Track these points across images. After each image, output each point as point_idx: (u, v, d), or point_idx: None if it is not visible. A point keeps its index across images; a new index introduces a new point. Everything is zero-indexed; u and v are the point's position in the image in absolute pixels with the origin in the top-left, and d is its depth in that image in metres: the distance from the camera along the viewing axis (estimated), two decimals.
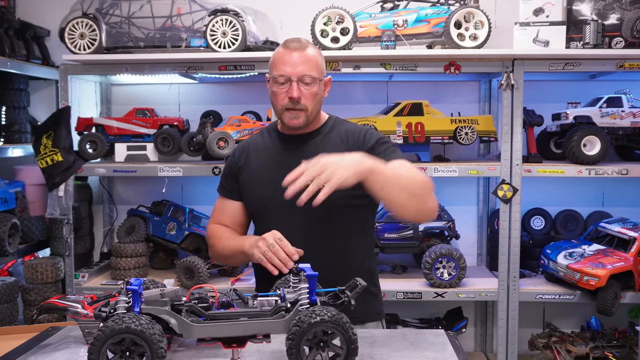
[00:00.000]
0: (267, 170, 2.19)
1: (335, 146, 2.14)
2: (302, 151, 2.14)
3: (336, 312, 1.42)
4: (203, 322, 1.46)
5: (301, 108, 2.11)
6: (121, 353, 1.36)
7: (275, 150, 2.24)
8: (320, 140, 2.20)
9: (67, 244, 3.35)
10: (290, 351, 1.40)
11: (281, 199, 1.89)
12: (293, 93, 2.08)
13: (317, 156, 1.87)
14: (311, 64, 2.11)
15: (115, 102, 3.92)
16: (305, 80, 2.09)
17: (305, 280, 1.51)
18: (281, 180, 1.91)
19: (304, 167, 1.82)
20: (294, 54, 2.10)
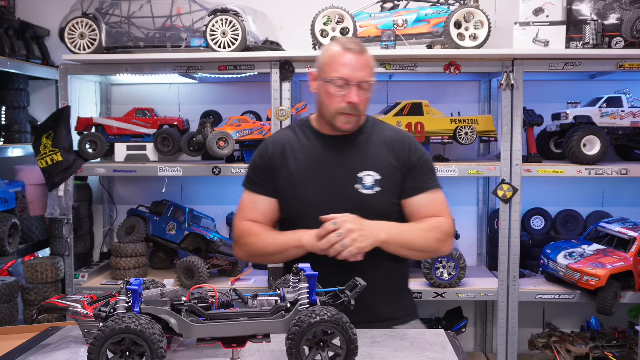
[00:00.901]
0: (311, 173, 2.15)
1: (380, 151, 2.15)
2: (347, 154, 2.14)
3: (336, 312, 1.42)
4: (203, 322, 1.46)
5: (356, 113, 2.09)
6: (121, 353, 1.36)
7: (317, 152, 2.18)
8: (363, 143, 2.17)
9: (67, 244, 3.35)
10: (290, 351, 1.40)
11: (325, 204, 2.02)
12: (353, 98, 2.05)
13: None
14: (370, 69, 2.09)
15: (115, 102, 3.92)
16: (364, 86, 2.07)
17: (305, 280, 1.51)
18: (327, 185, 2.07)
19: (332, 227, 1.94)
20: (355, 57, 2.06)
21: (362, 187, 2.11)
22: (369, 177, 2.11)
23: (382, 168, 2.13)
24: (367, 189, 2.11)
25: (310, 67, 3.19)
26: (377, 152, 2.15)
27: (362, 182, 2.11)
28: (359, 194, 2.11)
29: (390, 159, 2.14)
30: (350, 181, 2.12)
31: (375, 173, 2.12)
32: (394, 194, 2.14)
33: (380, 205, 2.10)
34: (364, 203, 2.09)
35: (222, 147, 3.13)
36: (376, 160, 2.14)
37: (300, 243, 2.05)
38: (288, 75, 3.20)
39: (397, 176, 2.14)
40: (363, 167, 2.13)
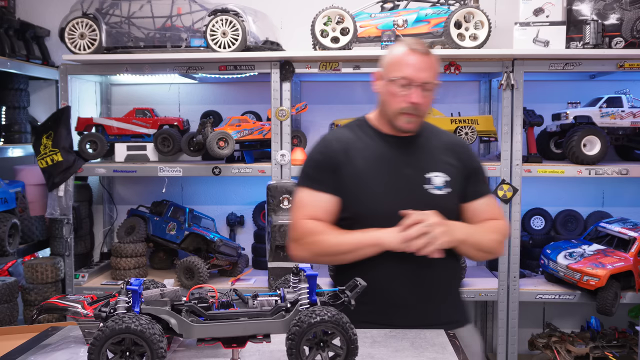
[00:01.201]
0: (379, 172, 2.11)
1: (444, 154, 2.17)
2: (413, 155, 2.14)
3: (336, 312, 1.42)
4: (203, 322, 1.46)
5: (418, 114, 2.08)
6: (121, 353, 1.36)
7: (381, 151, 2.15)
8: (426, 145, 2.18)
9: (67, 244, 3.35)
10: (290, 351, 1.40)
11: (394, 203, 2.01)
12: (415, 98, 2.04)
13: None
14: (434, 70, 2.08)
15: (115, 102, 3.92)
16: (427, 87, 2.06)
17: (305, 280, 1.51)
18: (394, 184, 2.07)
19: (420, 218, 1.95)
20: (420, 58, 2.05)
21: (432, 187, 2.10)
22: (438, 178, 2.11)
23: (448, 170, 2.14)
24: (437, 189, 2.11)
25: (310, 67, 3.20)
26: (441, 154, 2.17)
27: (431, 182, 2.10)
28: (429, 194, 2.10)
29: (455, 162, 2.16)
30: (419, 181, 2.10)
31: (444, 174, 2.12)
32: (459, 196, 2.15)
33: (449, 206, 2.12)
34: (434, 203, 2.07)
35: (222, 147, 3.13)
36: (442, 162, 2.15)
37: (378, 240, 2.00)
38: (288, 75, 3.20)
39: (460, 179, 2.16)
40: (431, 168, 2.13)
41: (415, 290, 2.06)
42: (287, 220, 3.10)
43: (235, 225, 3.84)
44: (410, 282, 2.06)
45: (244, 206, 3.88)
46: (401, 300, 2.06)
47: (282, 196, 3.14)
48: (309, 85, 3.79)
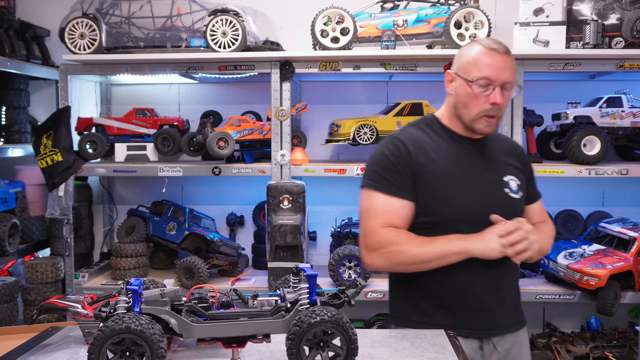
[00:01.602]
0: (462, 176, 2.05)
1: (509, 157, 2.17)
2: (490, 158, 2.12)
3: (336, 312, 1.42)
4: (203, 322, 1.45)
5: (498, 114, 2.03)
6: (121, 353, 1.36)
7: (460, 153, 2.08)
8: (494, 148, 2.15)
9: (67, 244, 3.35)
10: (290, 351, 1.40)
11: (480, 208, 2.00)
12: (497, 99, 1.98)
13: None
14: (513, 70, 2.02)
15: (115, 102, 3.92)
16: (507, 87, 2.00)
17: (305, 280, 1.51)
18: (479, 188, 2.04)
19: (517, 226, 1.94)
20: (500, 57, 1.98)
21: (510, 191, 2.08)
22: (513, 182, 2.10)
23: (517, 173, 2.14)
24: (514, 193, 2.09)
25: (310, 67, 3.20)
26: (509, 157, 2.17)
27: (509, 186, 2.08)
28: (510, 198, 2.08)
29: (519, 165, 2.17)
30: (500, 185, 2.08)
31: (516, 178, 2.12)
32: (525, 194, 2.16)
33: (521, 210, 2.14)
34: (513, 207, 2.08)
35: (222, 147, 3.13)
36: (511, 166, 2.15)
37: (466, 249, 1.95)
38: (288, 75, 3.20)
39: (525, 182, 2.17)
40: (506, 172, 2.11)
41: (495, 293, 2.06)
42: (287, 220, 3.11)
43: (235, 225, 3.84)
44: (491, 286, 2.05)
45: (244, 206, 3.88)
46: (482, 304, 2.04)
47: (282, 196, 3.14)
48: (309, 85, 3.79)
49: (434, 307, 2.03)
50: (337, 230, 3.48)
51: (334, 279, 3.21)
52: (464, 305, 2.04)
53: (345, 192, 3.77)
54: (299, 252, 3.11)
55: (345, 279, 3.19)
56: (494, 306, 2.06)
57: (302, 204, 3.15)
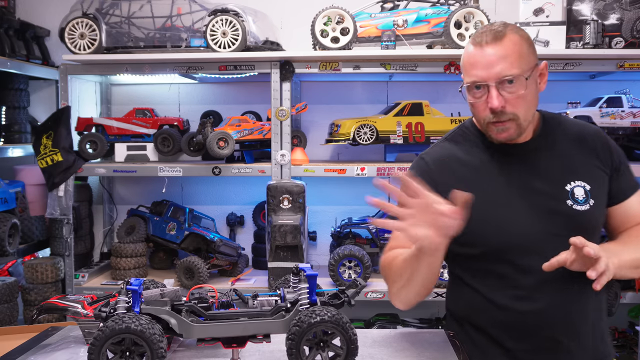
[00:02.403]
0: (508, 194, 1.74)
1: (578, 154, 1.77)
2: (544, 164, 1.75)
3: (336, 312, 1.42)
4: (203, 322, 1.46)
5: (509, 118, 1.68)
6: (121, 353, 1.36)
7: (497, 165, 1.77)
8: (553, 147, 1.77)
9: (67, 244, 3.35)
10: (290, 351, 1.40)
11: (536, 229, 1.66)
12: (493, 103, 1.66)
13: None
14: (511, 58, 1.64)
15: (115, 102, 3.92)
16: (508, 82, 1.65)
17: (305, 280, 1.51)
18: (527, 205, 1.69)
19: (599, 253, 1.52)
20: (487, 51, 1.66)
21: (574, 202, 1.71)
22: (579, 189, 1.72)
23: (589, 175, 1.74)
24: (580, 204, 1.71)
25: (310, 67, 3.19)
26: (577, 154, 1.76)
27: (574, 196, 1.72)
28: (573, 212, 1.70)
29: (594, 160, 1.76)
30: (560, 197, 1.71)
31: (585, 182, 1.73)
32: (604, 203, 1.76)
33: (595, 221, 1.74)
34: (580, 222, 1.70)
35: (222, 147, 3.14)
36: (581, 166, 1.75)
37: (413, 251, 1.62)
38: (288, 75, 3.20)
39: (605, 181, 1.76)
40: (570, 177, 1.73)
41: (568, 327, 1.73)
42: (287, 220, 3.11)
43: (235, 225, 3.84)
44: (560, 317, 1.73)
45: (244, 206, 3.88)
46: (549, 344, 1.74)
47: (282, 196, 3.14)
48: (309, 85, 3.79)
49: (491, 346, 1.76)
50: (337, 230, 3.48)
51: (334, 279, 3.21)
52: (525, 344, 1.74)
53: (345, 192, 3.77)
54: (299, 252, 3.11)
55: (345, 279, 3.19)
56: (566, 344, 1.72)
57: (302, 204, 3.16)
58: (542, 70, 1.74)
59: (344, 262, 3.20)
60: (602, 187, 1.75)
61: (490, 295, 1.76)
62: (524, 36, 1.70)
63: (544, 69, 1.75)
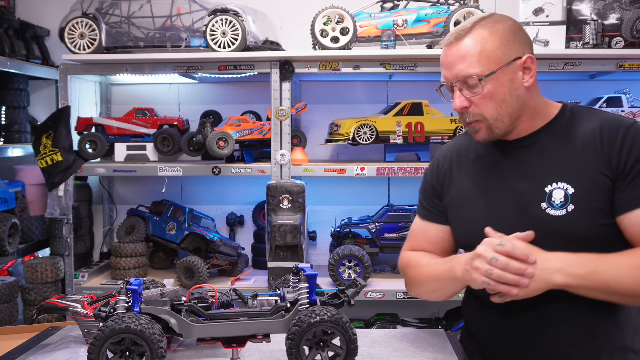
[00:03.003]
0: (485, 190, 1.69)
1: (577, 153, 1.58)
2: (532, 162, 1.63)
3: (336, 312, 1.42)
4: (203, 322, 1.46)
5: (475, 119, 1.62)
6: (121, 353, 1.36)
7: (493, 160, 1.71)
8: (554, 145, 1.62)
9: (67, 244, 3.35)
10: (290, 351, 1.40)
11: (502, 229, 1.55)
12: (455, 104, 1.62)
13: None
14: (471, 57, 1.57)
15: (115, 102, 3.92)
16: (469, 82, 1.58)
17: (305, 280, 1.51)
18: (502, 206, 1.62)
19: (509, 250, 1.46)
20: (449, 51, 1.62)
21: (549, 206, 1.57)
22: (559, 192, 1.57)
23: (580, 177, 1.56)
24: (555, 209, 1.56)
25: (310, 67, 3.19)
26: (573, 154, 1.59)
27: (551, 198, 1.57)
28: (546, 216, 1.57)
29: (594, 162, 1.55)
30: (537, 198, 1.59)
31: (567, 185, 1.56)
32: (597, 211, 1.54)
33: (574, 230, 1.54)
34: (552, 229, 1.56)
35: (222, 147, 3.14)
36: (569, 166, 1.58)
37: (454, 275, 1.59)
38: (288, 75, 3.20)
39: (604, 186, 1.54)
40: (554, 178, 1.58)
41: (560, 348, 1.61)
42: (287, 220, 3.11)
43: (235, 225, 3.84)
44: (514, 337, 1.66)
45: (244, 206, 3.88)
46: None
47: (282, 196, 3.14)
48: (309, 85, 3.79)
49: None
50: (337, 230, 3.48)
51: (334, 279, 3.21)
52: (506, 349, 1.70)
53: (345, 192, 3.77)
54: (299, 252, 3.12)
55: (345, 279, 3.19)
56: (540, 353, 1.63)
57: (302, 204, 3.16)
58: (527, 64, 1.61)
59: (344, 262, 3.20)
60: (595, 193, 1.54)
61: (475, 293, 1.75)
62: (498, 30, 1.58)
63: (528, 62, 1.61)
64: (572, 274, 1.47)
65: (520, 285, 1.45)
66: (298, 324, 1.40)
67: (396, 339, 1.82)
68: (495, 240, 1.51)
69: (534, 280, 1.46)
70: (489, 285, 1.48)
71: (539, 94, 1.67)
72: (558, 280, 1.47)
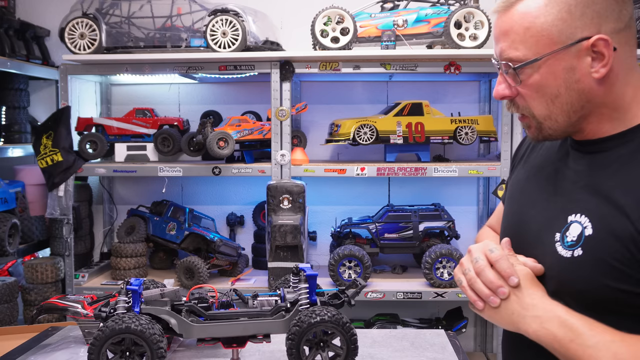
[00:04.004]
0: (532, 185, 1.41)
1: (601, 179, 1.22)
2: (582, 176, 1.26)
3: (336, 312, 1.42)
4: (203, 322, 1.46)
5: (523, 113, 1.29)
6: (121, 353, 1.36)
7: (552, 154, 1.39)
8: (618, 160, 1.21)
9: (67, 244, 3.35)
10: (290, 351, 1.40)
11: (519, 246, 1.32)
12: (496, 91, 1.30)
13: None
14: (514, 35, 1.22)
15: (115, 102, 3.92)
16: (511, 64, 1.23)
17: (305, 280, 1.51)
18: (527, 222, 1.35)
19: (495, 258, 1.25)
20: (496, 22, 1.27)
21: (560, 242, 1.24)
22: (576, 226, 1.21)
23: (603, 214, 1.17)
24: (565, 248, 1.23)
25: (310, 67, 3.19)
26: (626, 179, 1.17)
27: (566, 232, 1.23)
28: (552, 251, 1.25)
29: (626, 199, 1.14)
30: (554, 226, 1.27)
31: (589, 221, 1.19)
32: (609, 268, 1.14)
33: (579, 285, 1.19)
34: (553, 269, 1.25)
35: (222, 147, 3.13)
36: (605, 196, 1.18)
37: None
38: (288, 75, 3.20)
39: (625, 234, 1.13)
40: (580, 206, 1.23)
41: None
42: (287, 220, 3.11)
43: (235, 225, 3.84)
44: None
45: (244, 206, 3.88)
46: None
47: (282, 196, 3.14)
48: (309, 85, 3.79)
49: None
50: (337, 230, 3.48)
51: (334, 279, 3.21)
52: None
53: (345, 192, 3.77)
54: (299, 252, 3.12)
55: (345, 279, 3.19)
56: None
57: (302, 204, 3.16)
58: (597, 48, 1.16)
59: (344, 262, 3.20)
60: (613, 241, 1.14)
61: None
62: (547, 4, 1.18)
63: (600, 45, 1.16)
64: (547, 329, 1.16)
65: (488, 300, 1.23)
66: (298, 324, 1.40)
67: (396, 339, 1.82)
68: (492, 244, 1.28)
69: (506, 309, 1.21)
70: (461, 285, 1.31)
71: (631, 85, 1.22)
72: (529, 327, 1.18)
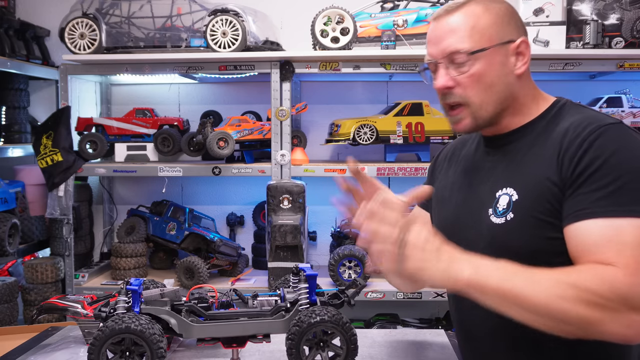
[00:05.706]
0: (452, 190, 1.61)
1: (536, 156, 1.40)
2: (499, 162, 1.49)
3: (336, 312, 1.42)
4: (203, 322, 1.46)
5: (458, 102, 1.43)
6: (121, 353, 1.36)
7: (471, 158, 1.59)
8: (525, 144, 1.45)
9: (67, 244, 3.35)
10: (290, 351, 1.40)
11: (451, 234, 1.34)
12: (437, 81, 1.44)
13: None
14: (461, 31, 1.40)
15: (115, 102, 3.92)
16: (457, 59, 1.40)
17: (305, 280, 1.51)
18: (461, 209, 1.53)
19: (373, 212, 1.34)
20: (437, 25, 1.44)
21: (493, 213, 1.43)
22: (504, 197, 1.41)
23: (525, 182, 1.39)
24: (497, 216, 1.42)
25: (310, 67, 3.19)
26: (534, 156, 1.41)
27: (497, 204, 1.42)
28: (489, 223, 1.43)
29: (545, 168, 1.35)
30: (485, 203, 1.46)
31: (513, 190, 1.40)
32: (538, 222, 1.34)
33: (510, 241, 1.38)
34: (491, 237, 1.42)
35: (222, 147, 3.14)
36: (523, 170, 1.41)
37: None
38: (288, 75, 3.20)
39: (546, 193, 1.34)
40: (505, 183, 1.43)
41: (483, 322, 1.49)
42: (287, 220, 3.11)
43: (235, 225, 3.84)
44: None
45: (244, 206, 3.88)
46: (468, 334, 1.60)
47: (282, 196, 3.14)
48: (309, 85, 3.79)
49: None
50: (337, 230, 3.48)
51: (334, 279, 3.21)
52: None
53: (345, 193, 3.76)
54: (299, 252, 3.12)
55: (345, 279, 3.19)
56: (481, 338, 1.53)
57: (302, 204, 3.16)
58: (520, 49, 1.44)
59: (344, 262, 3.20)
60: (538, 202, 1.34)
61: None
62: (493, 8, 1.42)
63: (522, 47, 1.44)
64: (481, 272, 1.20)
65: (374, 234, 1.31)
66: (298, 324, 1.40)
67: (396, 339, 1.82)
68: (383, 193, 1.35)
69: (422, 259, 1.22)
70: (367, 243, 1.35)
71: (531, 87, 1.52)
72: (463, 273, 1.19)
